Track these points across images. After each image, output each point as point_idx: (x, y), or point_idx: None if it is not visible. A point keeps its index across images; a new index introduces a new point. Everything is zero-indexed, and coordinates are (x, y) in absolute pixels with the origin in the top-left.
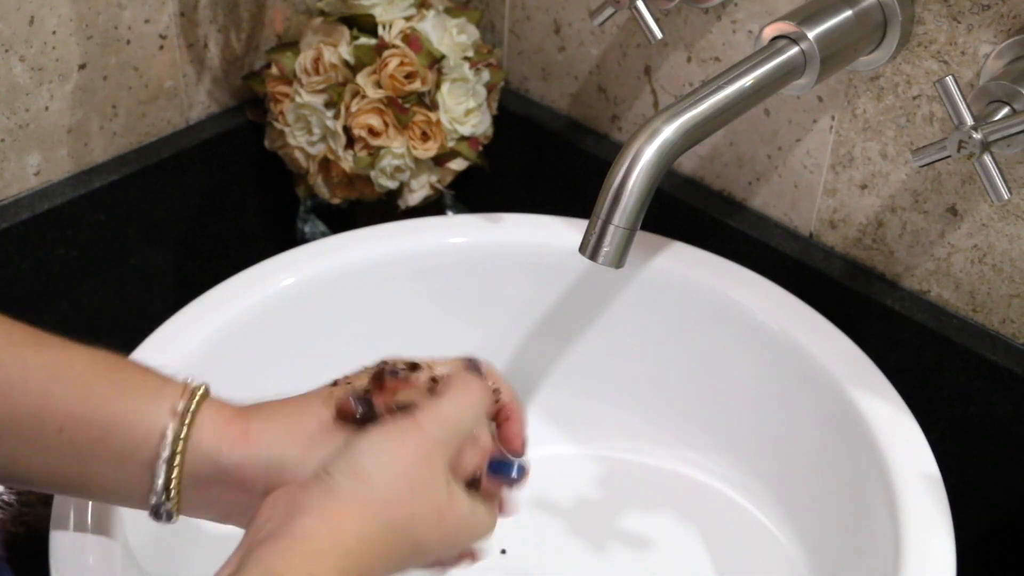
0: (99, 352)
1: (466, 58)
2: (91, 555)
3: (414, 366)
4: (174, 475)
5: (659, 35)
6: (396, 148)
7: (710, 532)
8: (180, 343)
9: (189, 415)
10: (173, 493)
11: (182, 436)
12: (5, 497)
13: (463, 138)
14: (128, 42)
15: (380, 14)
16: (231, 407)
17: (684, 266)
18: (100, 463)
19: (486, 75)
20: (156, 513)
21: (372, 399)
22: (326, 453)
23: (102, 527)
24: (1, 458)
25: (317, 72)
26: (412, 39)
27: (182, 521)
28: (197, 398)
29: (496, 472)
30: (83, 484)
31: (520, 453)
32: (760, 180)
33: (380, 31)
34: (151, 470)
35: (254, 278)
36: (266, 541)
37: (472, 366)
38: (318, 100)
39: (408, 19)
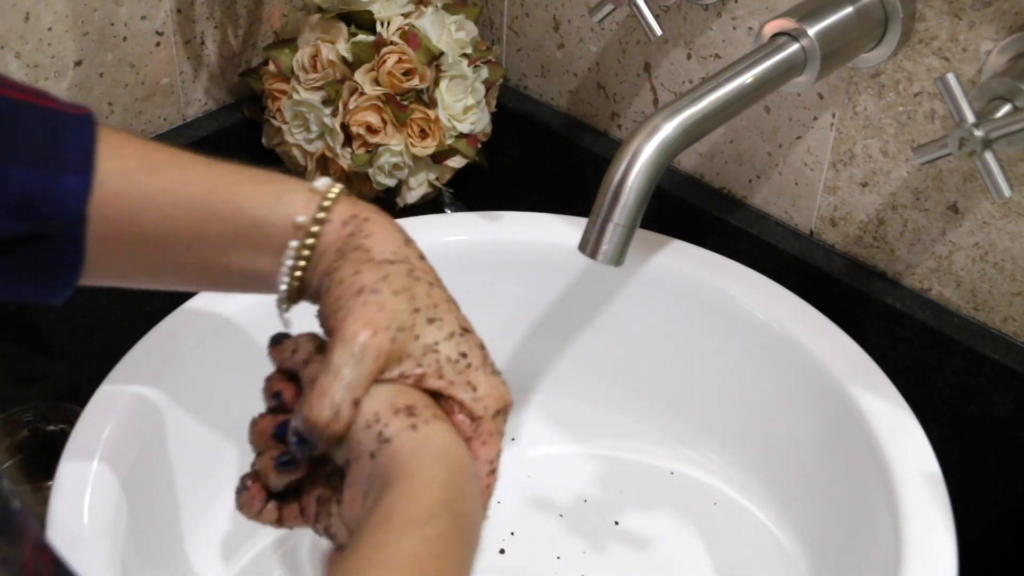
0: (214, 169)
1: (465, 55)
2: (88, 556)
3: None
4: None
5: (659, 32)
6: (394, 146)
7: (710, 531)
8: (179, 342)
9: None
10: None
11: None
12: None
13: (462, 135)
14: (124, 39)
15: (378, 11)
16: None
17: (684, 264)
18: (230, 270)
19: (485, 72)
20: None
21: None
22: None
23: (99, 528)
24: (137, 270)
25: (315, 69)
26: (410, 36)
27: (182, 520)
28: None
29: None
30: (215, 284)
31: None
32: (760, 178)
33: (378, 28)
34: (280, 261)
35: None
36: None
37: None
38: (316, 97)
39: (406, 16)
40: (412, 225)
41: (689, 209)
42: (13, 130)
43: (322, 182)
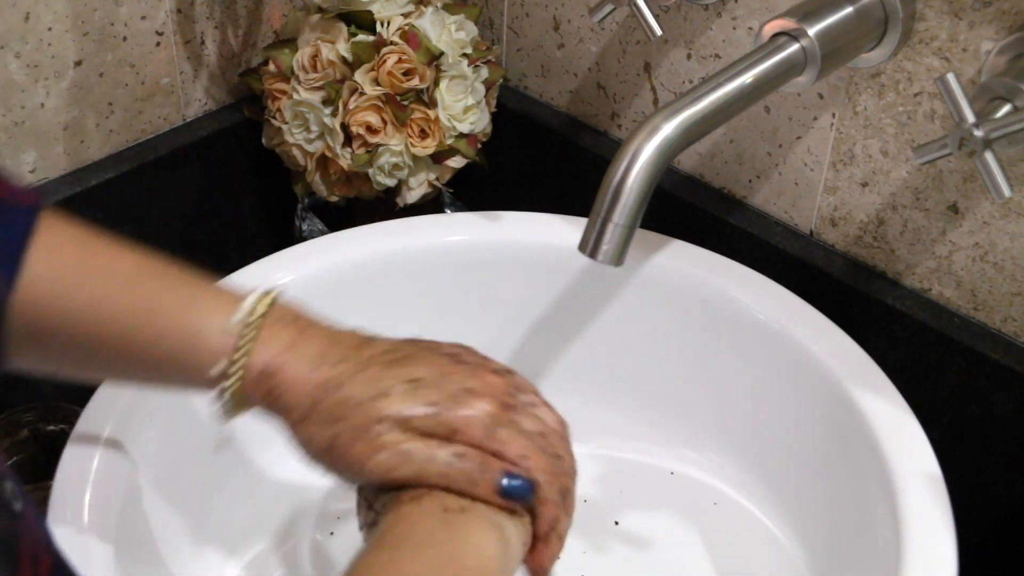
0: (144, 285)
1: (465, 55)
2: (88, 556)
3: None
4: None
5: (659, 32)
6: (394, 146)
7: (710, 531)
8: None
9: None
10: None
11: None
12: None
13: (461, 135)
14: (124, 39)
15: (378, 11)
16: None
17: (684, 264)
18: (161, 377)
19: (485, 72)
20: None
21: None
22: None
23: (99, 527)
24: (64, 371)
25: (315, 69)
26: (410, 36)
27: (182, 519)
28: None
29: None
30: (149, 382)
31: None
32: (760, 178)
33: (378, 28)
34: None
35: (252, 276)
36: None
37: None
38: (316, 97)
39: (406, 16)
40: (412, 225)
41: (689, 209)
42: None
43: (240, 313)
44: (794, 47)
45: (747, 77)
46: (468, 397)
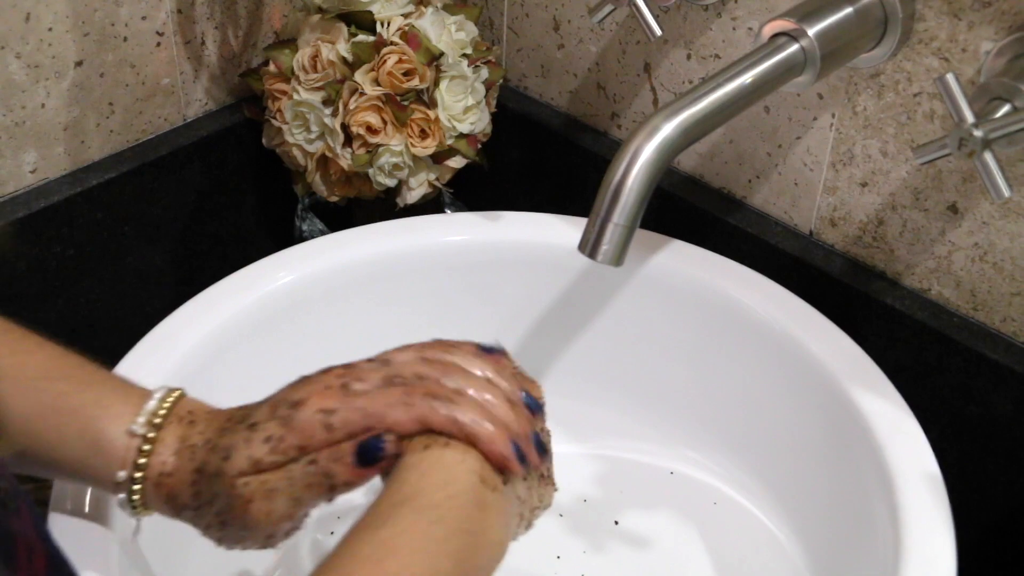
0: (46, 391)
1: (465, 55)
2: (89, 555)
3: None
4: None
5: (659, 32)
6: (394, 146)
7: (709, 531)
8: (178, 341)
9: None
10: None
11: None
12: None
13: (462, 136)
14: (125, 39)
15: (378, 11)
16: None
17: (684, 264)
18: (68, 477)
19: (485, 72)
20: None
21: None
22: None
23: (100, 526)
24: None
25: (315, 69)
26: (410, 36)
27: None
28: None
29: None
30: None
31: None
32: (760, 178)
33: (378, 28)
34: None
35: (252, 276)
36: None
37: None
38: (316, 98)
39: (406, 16)
40: (412, 225)
41: (689, 209)
42: None
43: (143, 415)
44: (794, 47)
45: (747, 77)
46: (297, 409)
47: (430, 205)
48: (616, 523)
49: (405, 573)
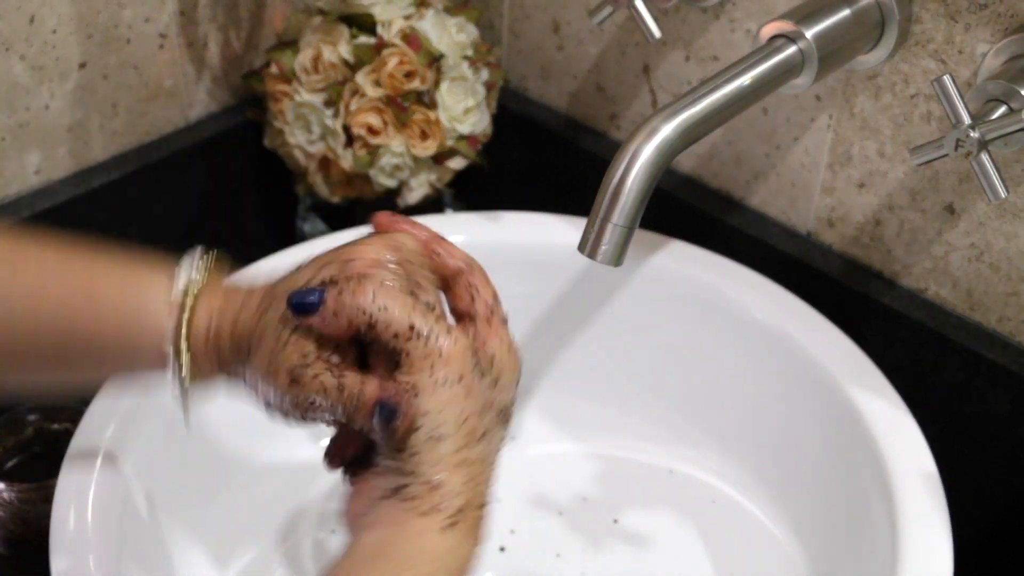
0: (73, 274)
1: (465, 57)
2: (91, 554)
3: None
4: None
5: (658, 34)
6: (395, 147)
7: (708, 529)
8: None
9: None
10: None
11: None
12: (4, 495)
13: (462, 137)
14: (128, 41)
15: (379, 13)
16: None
17: (682, 264)
18: (108, 363)
19: (485, 74)
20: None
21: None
22: None
23: (102, 525)
24: (9, 380)
25: (316, 71)
26: (411, 38)
27: (184, 518)
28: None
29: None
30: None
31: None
32: (758, 179)
33: (379, 30)
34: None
35: (253, 276)
36: None
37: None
38: (317, 99)
39: (407, 18)
40: None
41: (687, 210)
42: None
43: (179, 285)
44: (792, 49)
45: (745, 79)
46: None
47: (431, 205)
48: (615, 522)
49: None
